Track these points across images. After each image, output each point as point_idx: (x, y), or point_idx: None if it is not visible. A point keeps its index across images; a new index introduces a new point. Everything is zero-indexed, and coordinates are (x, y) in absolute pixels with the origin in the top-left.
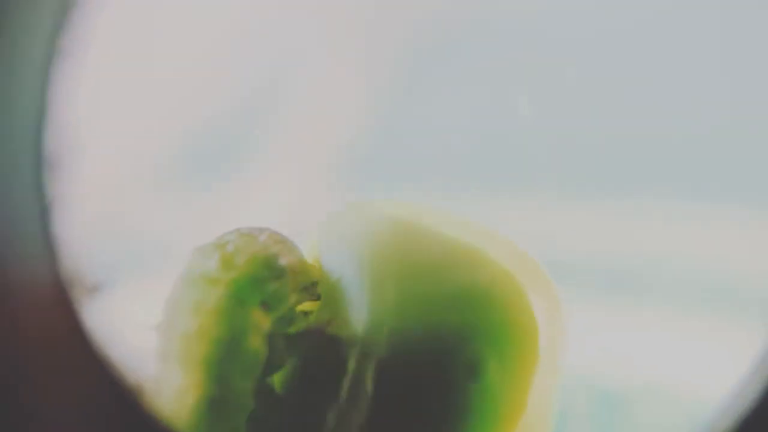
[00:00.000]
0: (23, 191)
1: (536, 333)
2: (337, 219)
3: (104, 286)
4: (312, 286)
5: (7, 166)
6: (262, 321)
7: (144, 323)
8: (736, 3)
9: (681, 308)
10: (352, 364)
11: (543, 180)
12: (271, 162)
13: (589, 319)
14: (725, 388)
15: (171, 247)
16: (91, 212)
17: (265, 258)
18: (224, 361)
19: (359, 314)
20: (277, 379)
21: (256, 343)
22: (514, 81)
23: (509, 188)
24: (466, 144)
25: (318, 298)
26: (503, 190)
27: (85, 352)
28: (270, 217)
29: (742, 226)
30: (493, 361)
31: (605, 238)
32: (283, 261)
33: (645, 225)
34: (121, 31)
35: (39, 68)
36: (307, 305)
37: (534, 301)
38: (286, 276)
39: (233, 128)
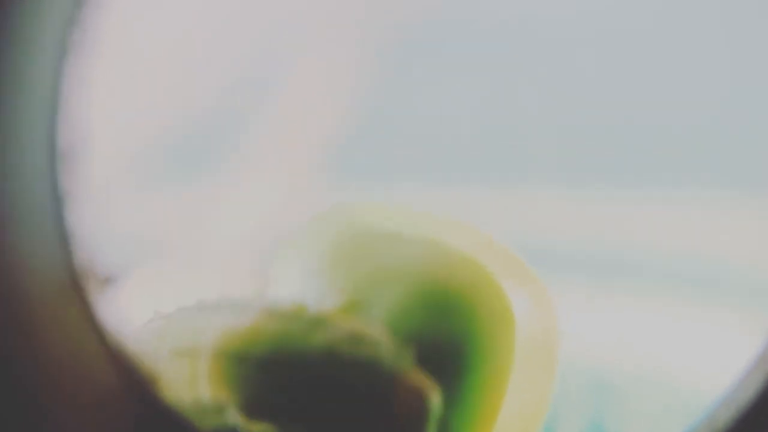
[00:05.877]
0: (37, 184)
1: (512, 330)
2: (310, 226)
3: (117, 277)
4: None
5: (21, 158)
6: None
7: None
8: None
9: (679, 297)
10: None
11: (538, 171)
12: (256, 159)
13: (585, 307)
14: (724, 379)
15: (172, 241)
16: (104, 204)
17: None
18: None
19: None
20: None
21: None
22: (504, 73)
23: (500, 180)
24: (456, 136)
25: None
26: (494, 181)
27: (99, 344)
28: (256, 215)
29: (743, 215)
30: (475, 359)
31: (601, 227)
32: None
33: (642, 213)
34: (119, 28)
35: (52, 61)
36: None
37: (518, 297)
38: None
39: (220, 124)
